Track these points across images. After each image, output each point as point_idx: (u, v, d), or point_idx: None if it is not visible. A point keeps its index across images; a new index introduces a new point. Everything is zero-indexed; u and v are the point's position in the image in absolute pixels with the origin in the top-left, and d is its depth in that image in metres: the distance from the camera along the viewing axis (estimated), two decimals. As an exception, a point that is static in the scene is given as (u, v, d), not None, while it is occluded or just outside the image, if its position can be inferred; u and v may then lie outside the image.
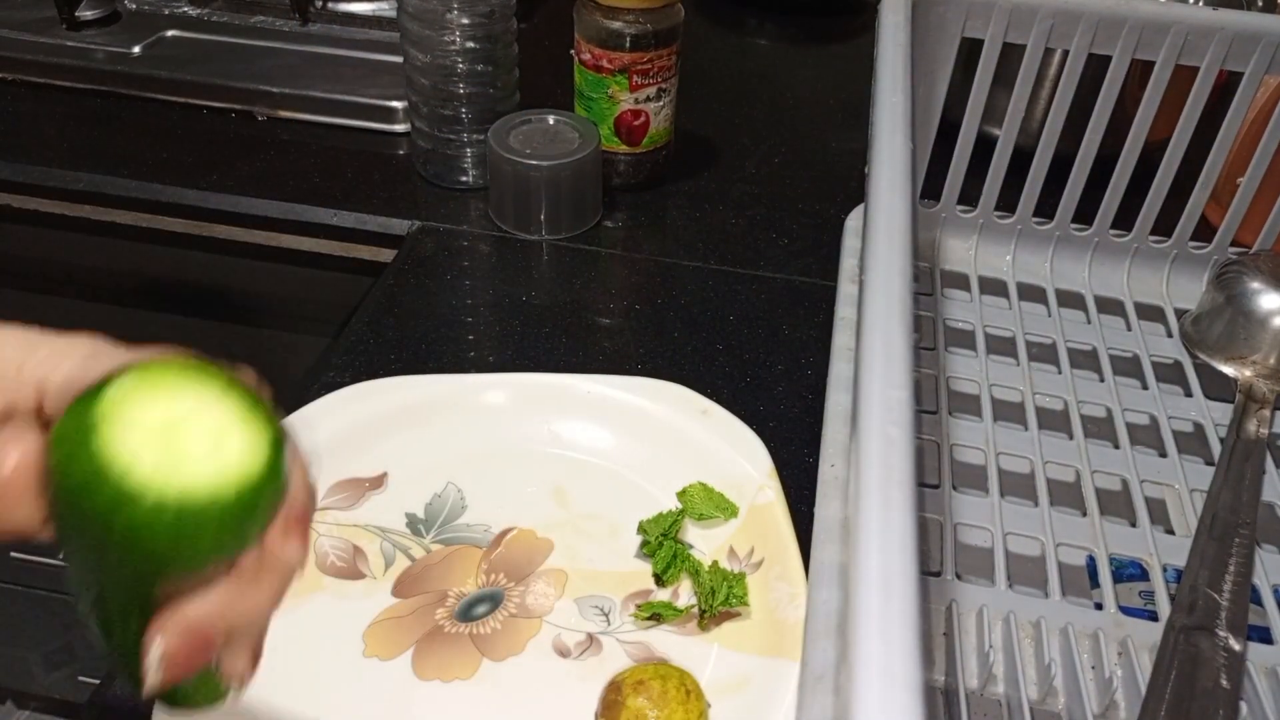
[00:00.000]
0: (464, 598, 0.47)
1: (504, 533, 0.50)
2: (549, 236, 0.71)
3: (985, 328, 0.62)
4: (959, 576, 0.47)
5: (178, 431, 0.22)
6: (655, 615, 0.46)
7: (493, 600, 0.47)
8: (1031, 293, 0.66)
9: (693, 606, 0.47)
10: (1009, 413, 0.56)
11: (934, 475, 0.52)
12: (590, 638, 0.46)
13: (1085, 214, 0.65)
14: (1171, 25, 0.58)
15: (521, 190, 0.69)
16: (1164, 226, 0.65)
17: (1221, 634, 0.43)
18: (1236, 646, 0.42)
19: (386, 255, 0.71)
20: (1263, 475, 0.51)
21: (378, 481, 0.52)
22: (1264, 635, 0.45)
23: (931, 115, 0.64)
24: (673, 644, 0.46)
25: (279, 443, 0.24)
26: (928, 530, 0.49)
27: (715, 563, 0.48)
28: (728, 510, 0.51)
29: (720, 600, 0.46)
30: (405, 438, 0.53)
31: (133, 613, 0.24)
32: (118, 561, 0.22)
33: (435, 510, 0.51)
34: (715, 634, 0.46)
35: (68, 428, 0.22)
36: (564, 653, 0.45)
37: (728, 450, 0.53)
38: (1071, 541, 0.49)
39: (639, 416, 0.54)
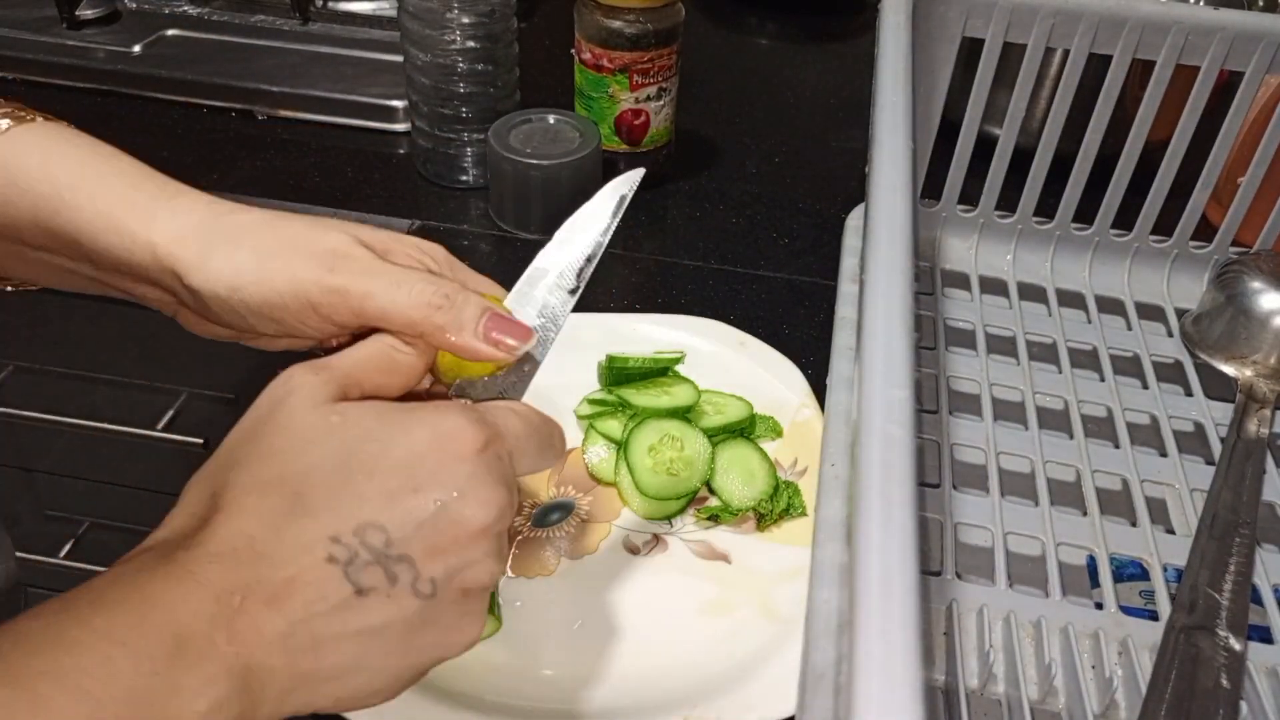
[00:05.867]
0: (538, 507, 0.52)
1: (568, 451, 0.54)
2: (549, 236, 0.70)
3: (985, 327, 0.62)
4: (959, 576, 0.47)
5: None
6: (713, 517, 0.52)
7: (564, 509, 0.52)
8: (1032, 292, 0.66)
9: (747, 509, 0.51)
10: (1009, 412, 0.56)
11: (934, 475, 0.52)
12: (656, 537, 0.51)
13: (1086, 213, 0.65)
14: (1172, 25, 0.58)
15: (522, 189, 0.69)
16: (1164, 226, 0.65)
17: (1222, 634, 0.43)
18: (1237, 646, 0.42)
19: (387, 254, 0.71)
20: (1263, 475, 0.51)
21: None
22: (1264, 635, 0.45)
23: (932, 115, 0.64)
24: (731, 542, 0.51)
25: None
26: (928, 530, 0.49)
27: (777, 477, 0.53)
28: (774, 431, 0.56)
29: (781, 508, 0.51)
30: None
31: None
32: None
33: None
34: (771, 533, 0.51)
35: None
36: (634, 550, 0.50)
37: (766, 376, 0.59)
38: (1072, 541, 0.49)
39: (684, 348, 0.60)
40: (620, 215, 0.39)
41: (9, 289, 0.38)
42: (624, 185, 0.40)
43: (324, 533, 0.28)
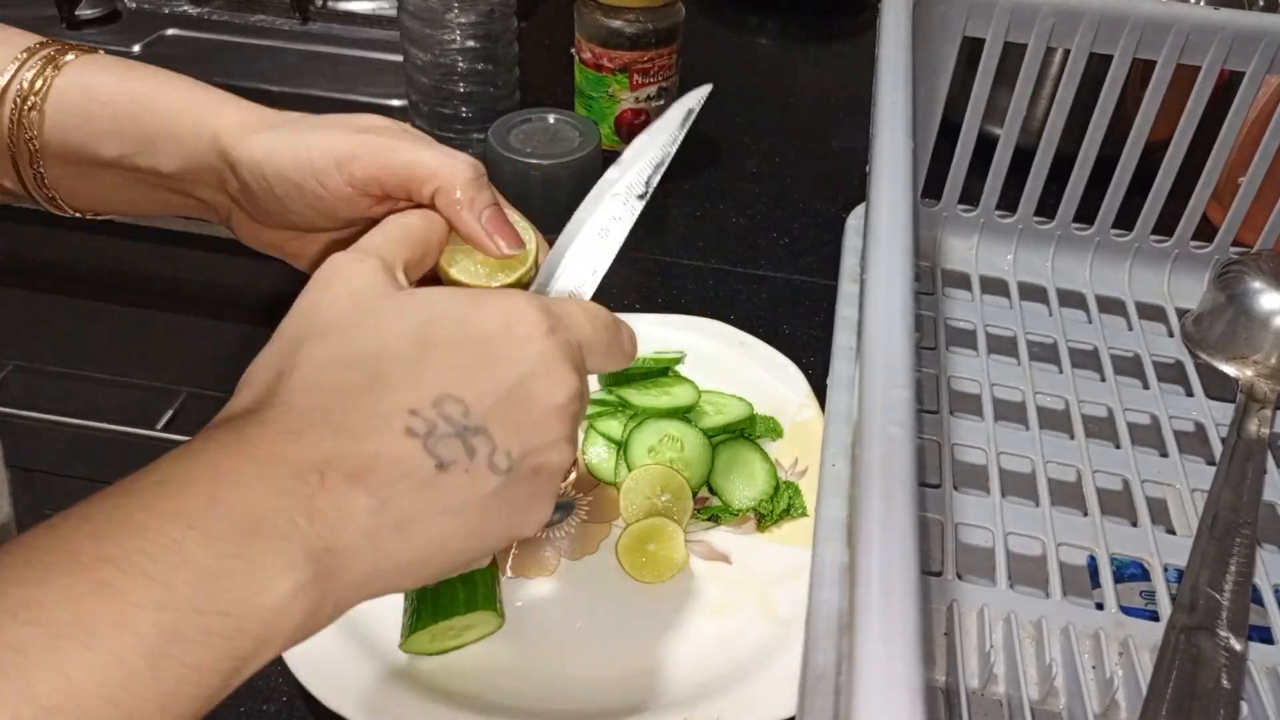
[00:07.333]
0: None
1: None
2: (549, 236, 0.70)
3: (986, 327, 0.62)
4: (960, 576, 0.47)
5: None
6: (714, 517, 0.52)
7: (564, 509, 0.51)
8: (1032, 292, 0.65)
9: (748, 510, 0.51)
10: (1010, 412, 0.56)
11: (935, 475, 0.52)
12: None
13: (1086, 213, 0.65)
14: (1173, 25, 0.58)
15: (522, 189, 0.69)
16: (1165, 226, 0.65)
17: (1222, 634, 0.43)
18: (1237, 646, 0.42)
19: (387, 254, 0.71)
20: (1264, 475, 0.51)
21: None
22: (1265, 635, 0.45)
23: (933, 114, 0.64)
24: (732, 542, 0.51)
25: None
26: (929, 530, 0.49)
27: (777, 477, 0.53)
28: (774, 431, 0.56)
29: (781, 508, 0.51)
30: None
31: None
32: None
33: None
34: (771, 533, 0.51)
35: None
36: None
37: (767, 376, 0.59)
38: (1072, 541, 0.49)
39: (685, 347, 0.60)
40: (688, 128, 0.41)
41: (71, 213, 0.40)
42: (692, 99, 0.41)
43: (402, 405, 0.28)
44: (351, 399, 0.28)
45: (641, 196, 0.39)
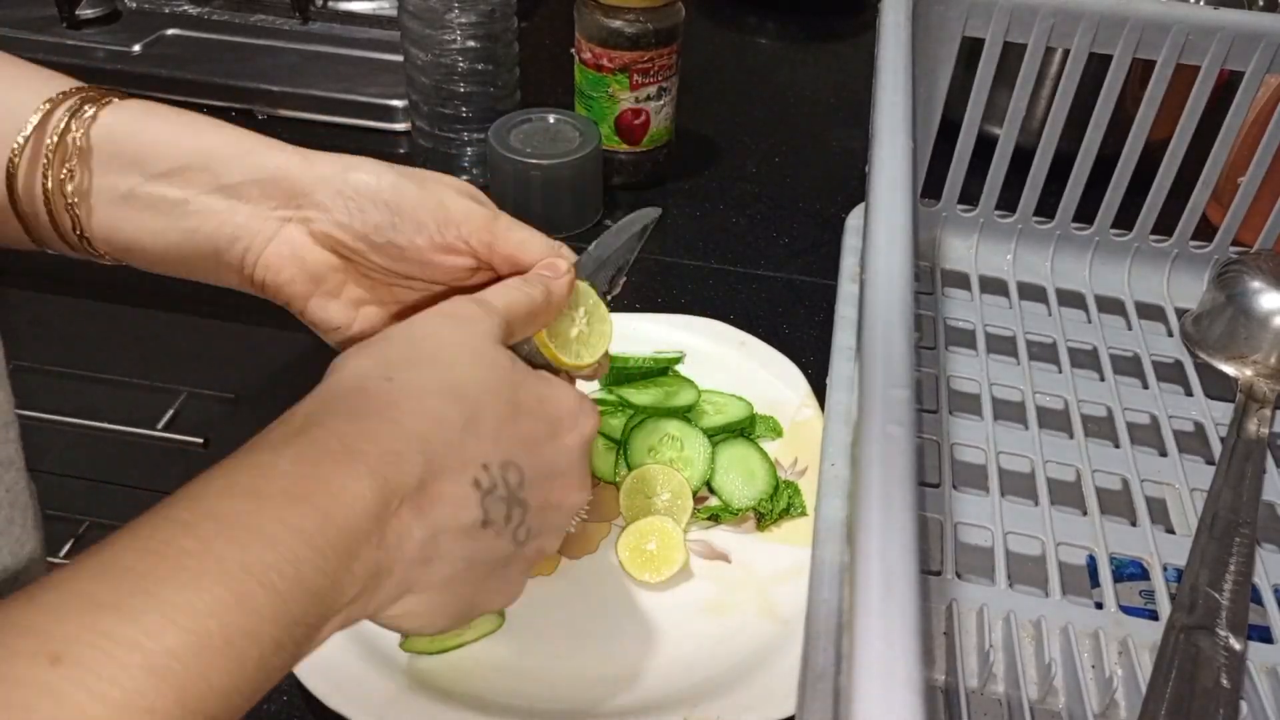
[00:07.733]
0: None
1: None
2: (549, 235, 0.70)
3: (986, 327, 0.62)
4: (959, 576, 0.47)
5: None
6: (714, 517, 0.52)
7: None
8: (1032, 292, 0.66)
9: (747, 509, 0.52)
10: (1009, 412, 0.56)
11: (935, 474, 0.52)
12: None
13: (1086, 213, 0.65)
14: (1172, 25, 0.58)
15: (522, 189, 0.69)
16: (1165, 226, 0.65)
17: (1222, 633, 0.43)
18: (1237, 646, 0.42)
19: (387, 254, 0.71)
20: (1263, 475, 0.51)
21: None
22: (1264, 635, 0.45)
23: (932, 114, 0.64)
24: (732, 542, 0.51)
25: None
26: (928, 529, 0.49)
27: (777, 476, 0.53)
28: (774, 431, 0.56)
29: (781, 507, 0.52)
30: None
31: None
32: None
33: None
34: (771, 532, 0.52)
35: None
36: None
37: (767, 376, 0.59)
38: (1072, 541, 0.49)
39: (685, 347, 0.61)
40: (644, 242, 0.44)
41: (79, 241, 0.38)
42: (646, 217, 0.44)
43: (480, 456, 0.30)
44: (445, 433, 0.30)
45: (604, 295, 0.42)
